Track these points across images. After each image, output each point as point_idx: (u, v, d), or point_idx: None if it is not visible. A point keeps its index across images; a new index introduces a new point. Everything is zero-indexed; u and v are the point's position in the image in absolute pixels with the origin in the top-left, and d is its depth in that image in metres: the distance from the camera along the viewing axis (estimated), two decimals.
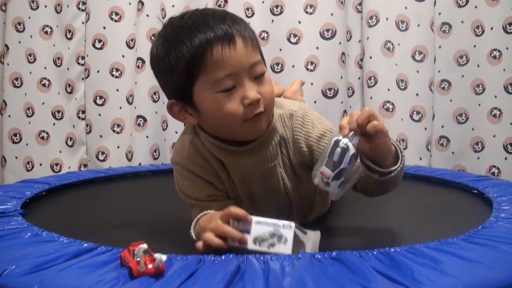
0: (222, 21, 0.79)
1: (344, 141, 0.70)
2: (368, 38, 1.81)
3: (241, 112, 0.79)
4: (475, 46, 1.77)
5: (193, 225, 0.81)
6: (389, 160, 0.77)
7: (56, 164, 1.91)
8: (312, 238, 0.72)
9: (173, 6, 1.90)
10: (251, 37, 0.81)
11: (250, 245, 0.70)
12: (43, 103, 1.89)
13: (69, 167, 1.91)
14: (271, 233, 0.69)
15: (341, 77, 1.83)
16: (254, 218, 0.71)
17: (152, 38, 1.86)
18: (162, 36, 0.83)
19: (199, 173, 0.87)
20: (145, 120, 1.86)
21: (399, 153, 0.78)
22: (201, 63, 0.77)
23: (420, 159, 1.81)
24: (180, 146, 0.90)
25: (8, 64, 1.83)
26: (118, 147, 1.88)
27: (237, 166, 0.87)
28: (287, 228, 0.70)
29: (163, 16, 1.89)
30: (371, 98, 1.82)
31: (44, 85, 1.89)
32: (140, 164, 1.85)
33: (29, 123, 1.88)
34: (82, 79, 1.89)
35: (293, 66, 1.84)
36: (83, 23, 1.86)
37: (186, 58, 0.78)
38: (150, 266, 0.60)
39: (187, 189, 0.89)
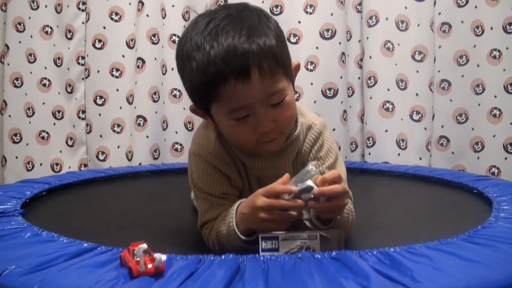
0: (246, 39, 0.73)
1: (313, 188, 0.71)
2: (368, 38, 1.81)
3: (254, 138, 0.79)
4: (475, 46, 1.77)
5: (233, 216, 0.78)
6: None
7: (56, 164, 1.91)
8: (337, 237, 0.73)
9: (173, 6, 1.90)
10: (272, 65, 0.75)
11: None
12: (43, 103, 1.89)
13: (69, 167, 1.91)
14: (299, 247, 0.72)
15: (341, 77, 1.83)
16: (280, 236, 0.72)
17: (152, 38, 1.86)
18: (185, 39, 0.78)
19: (222, 169, 0.86)
20: (145, 120, 1.86)
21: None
22: (214, 92, 0.76)
23: (420, 159, 1.81)
24: (205, 139, 0.88)
25: (8, 64, 1.83)
26: (118, 147, 1.88)
27: (256, 167, 0.88)
28: (313, 238, 0.72)
29: (163, 16, 1.89)
30: (371, 98, 1.82)
31: (44, 85, 1.89)
32: (140, 164, 1.85)
33: (30, 123, 1.88)
34: (82, 79, 1.89)
35: None
36: (83, 23, 1.86)
37: (198, 83, 0.76)
38: (150, 266, 0.60)
39: (203, 184, 0.87)
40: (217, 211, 0.84)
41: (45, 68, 1.89)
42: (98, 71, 1.85)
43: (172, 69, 1.93)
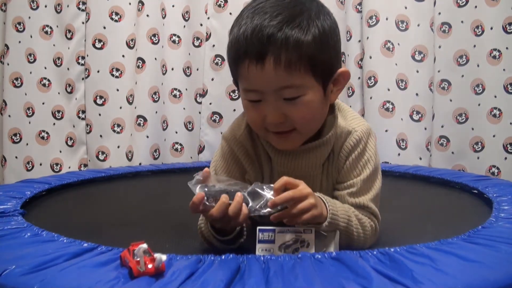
0: (275, 26, 0.72)
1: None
2: (368, 38, 1.81)
3: (263, 125, 0.79)
4: (475, 46, 1.77)
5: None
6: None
7: (56, 164, 1.91)
8: (333, 239, 0.74)
9: (173, 6, 1.90)
10: (293, 58, 0.72)
11: (277, 253, 0.73)
12: (43, 103, 1.89)
13: (69, 167, 1.91)
14: (294, 239, 0.73)
15: None
16: (277, 228, 0.74)
17: (152, 38, 1.86)
18: (241, 11, 0.79)
19: (242, 158, 0.86)
20: (145, 120, 1.86)
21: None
22: (234, 69, 0.79)
23: (420, 159, 1.81)
24: (237, 125, 0.89)
25: (8, 64, 1.83)
26: (118, 147, 1.88)
27: (281, 164, 0.86)
28: (308, 232, 0.73)
29: (163, 16, 1.89)
30: (371, 98, 1.82)
31: (44, 85, 1.89)
32: (140, 164, 1.85)
33: (29, 123, 1.88)
34: (82, 79, 1.89)
35: None
36: (83, 23, 1.86)
37: (228, 57, 0.79)
38: (150, 266, 0.60)
39: (218, 168, 0.88)
40: None
41: (45, 68, 1.88)
42: (98, 71, 1.85)
43: (172, 69, 1.94)
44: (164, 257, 0.60)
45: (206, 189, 0.73)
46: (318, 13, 0.76)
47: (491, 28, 1.73)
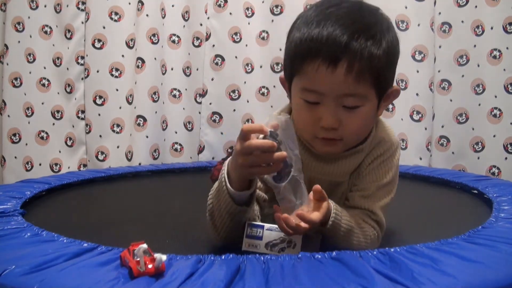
0: (351, 33, 0.72)
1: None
2: None
3: (314, 129, 0.78)
4: (475, 46, 1.77)
5: (226, 167, 0.76)
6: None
7: (56, 164, 1.91)
8: (318, 241, 0.75)
9: (172, 6, 1.90)
10: (363, 69, 0.73)
11: (263, 250, 0.73)
12: (42, 103, 1.89)
13: (69, 167, 1.91)
14: (281, 239, 0.73)
15: None
16: (266, 226, 0.75)
17: (152, 38, 1.86)
18: (304, 13, 0.79)
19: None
20: (145, 120, 1.86)
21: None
22: (298, 65, 0.76)
23: (420, 159, 1.81)
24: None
25: (7, 64, 1.83)
26: (117, 147, 1.88)
27: (310, 166, 0.85)
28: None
29: (163, 16, 1.89)
30: None
31: (43, 85, 1.89)
32: (139, 164, 1.85)
33: (29, 123, 1.88)
34: (82, 79, 1.89)
35: None
36: (82, 23, 1.86)
37: (292, 50, 0.78)
38: (150, 266, 0.60)
39: None
40: None
41: (44, 68, 1.88)
42: (97, 71, 1.85)
43: (172, 69, 1.93)
44: (164, 257, 0.60)
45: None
46: (388, 27, 0.78)
47: (492, 28, 1.73)
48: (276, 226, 0.74)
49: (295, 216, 0.70)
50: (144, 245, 0.62)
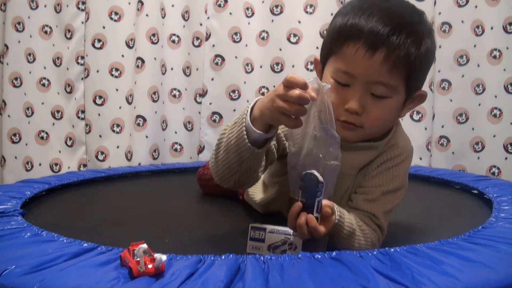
0: (393, 26, 0.74)
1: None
2: None
3: (337, 109, 0.78)
4: (475, 46, 1.77)
5: (251, 107, 0.76)
6: None
7: (56, 164, 1.91)
8: (324, 241, 0.75)
9: (172, 5, 1.90)
10: (399, 61, 0.75)
11: (265, 252, 0.75)
12: (42, 103, 1.89)
13: (69, 167, 1.91)
14: (283, 241, 0.75)
15: None
16: (268, 228, 0.76)
17: (152, 37, 1.86)
18: (354, 2, 0.81)
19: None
20: (144, 120, 1.86)
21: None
22: (338, 46, 0.78)
23: (420, 159, 1.81)
24: None
25: (7, 64, 1.83)
26: (117, 147, 1.88)
27: None
28: (297, 235, 0.74)
29: (163, 16, 1.89)
30: None
31: (43, 85, 1.89)
32: (139, 164, 1.85)
33: (29, 123, 1.88)
34: (82, 79, 1.89)
35: (293, 66, 1.85)
36: (82, 22, 1.86)
37: (334, 32, 0.80)
38: (150, 266, 0.60)
39: None
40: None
41: (44, 68, 1.88)
42: (97, 71, 1.85)
43: (172, 69, 1.93)
44: (164, 257, 0.60)
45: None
46: (429, 31, 0.81)
47: (492, 28, 1.73)
48: (278, 228, 0.75)
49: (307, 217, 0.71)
50: (144, 245, 0.62)
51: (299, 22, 1.82)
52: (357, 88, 0.77)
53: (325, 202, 0.73)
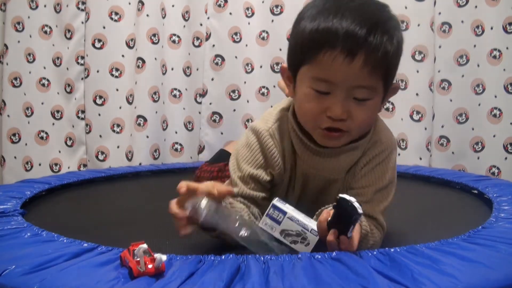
0: (369, 27, 0.73)
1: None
2: None
3: (319, 118, 0.78)
4: (475, 46, 1.77)
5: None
6: None
7: (56, 164, 1.91)
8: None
9: (173, 6, 1.90)
10: (378, 63, 0.74)
11: (277, 234, 0.73)
12: (42, 103, 1.89)
13: (69, 167, 1.91)
14: (298, 232, 0.73)
15: None
16: (289, 213, 0.74)
17: (152, 38, 1.86)
18: (315, 2, 0.79)
19: (267, 151, 0.85)
20: (145, 120, 1.86)
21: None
22: (312, 54, 0.76)
23: (420, 159, 1.81)
24: (267, 118, 0.88)
25: (7, 64, 1.83)
26: (118, 147, 1.88)
27: (306, 161, 0.86)
28: (314, 233, 0.73)
29: (163, 16, 1.89)
30: None
31: (43, 85, 1.89)
32: (140, 164, 1.85)
33: (28, 123, 1.88)
34: (82, 79, 1.89)
35: None
36: (82, 22, 1.86)
37: (305, 39, 0.76)
38: (150, 266, 0.60)
39: (241, 156, 0.86)
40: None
41: (44, 68, 1.88)
42: (97, 71, 1.85)
43: (172, 69, 1.93)
44: (164, 257, 0.60)
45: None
46: (397, 24, 0.79)
47: (491, 28, 1.73)
48: (298, 218, 0.74)
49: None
50: (144, 245, 0.62)
51: None
52: (338, 95, 0.76)
53: None
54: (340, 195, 0.66)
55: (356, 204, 0.65)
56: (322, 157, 0.85)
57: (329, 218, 0.69)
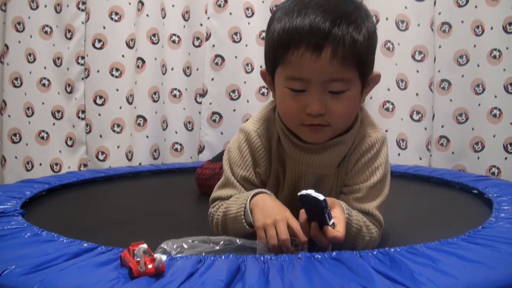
0: (332, 20, 0.73)
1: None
2: None
3: (299, 116, 0.79)
4: (475, 46, 1.77)
5: (248, 200, 0.79)
6: None
7: (56, 164, 1.91)
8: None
9: (173, 6, 1.90)
10: (347, 54, 0.75)
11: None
12: (42, 103, 1.89)
13: (69, 167, 1.91)
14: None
15: None
16: None
17: (152, 38, 1.86)
18: (282, 6, 0.80)
19: (256, 151, 0.87)
20: (145, 120, 1.86)
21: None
22: (282, 55, 0.77)
23: (420, 159, 1.81)
24: (257, 117, 0.90)
25: (8, 64, 1.83)
26: (118, 147, 1.88)
27: (296, 159, 0.87)
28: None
29: (163, 16, 1.89)
30: (371, 98, 1.82)
31: (44, 85, 1.89)
32: (140, 164, 1.85)
33: (29, 123, 1.88)
34: (82, 79, 1.89)
35: None
36: (83, 23, 1.86)
37: (275, 41, 0.78)
38: (150, 266, 0.60)
39: (232, 159, 0.88)
40: (229, 191, 0.86)
41: (45, 68, 1.88)
42: (98, 71, 1.85)
43: (172, 69, 1.93)
44: (164, 257, 0.60)
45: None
46: (366, 14, 0.80)
47: (491, 28, 1.73)
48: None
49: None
50: (144, 245, 0.62)
51: None
52: (314, 91, 0.77)
53: (330, 200, 0.71)
54: (299, 193, 0.67)
55: (315, 194, 0.65)
56: (310, 153, 0.85)
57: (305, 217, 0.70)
